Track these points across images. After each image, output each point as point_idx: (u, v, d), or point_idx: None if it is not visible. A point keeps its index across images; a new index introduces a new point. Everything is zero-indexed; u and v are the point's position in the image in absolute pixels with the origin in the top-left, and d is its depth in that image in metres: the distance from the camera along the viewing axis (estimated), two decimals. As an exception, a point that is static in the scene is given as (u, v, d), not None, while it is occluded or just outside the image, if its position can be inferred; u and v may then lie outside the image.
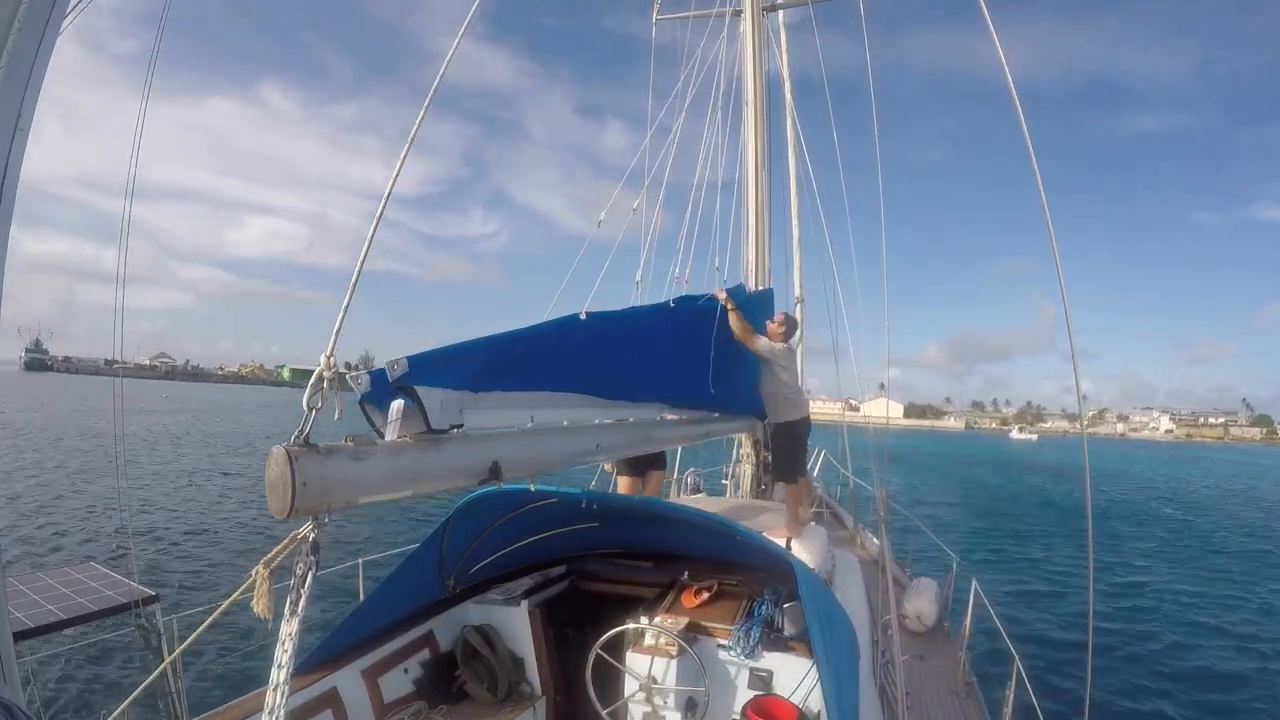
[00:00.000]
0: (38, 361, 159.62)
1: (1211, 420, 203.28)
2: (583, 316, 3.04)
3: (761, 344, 5.14)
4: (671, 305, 4.06)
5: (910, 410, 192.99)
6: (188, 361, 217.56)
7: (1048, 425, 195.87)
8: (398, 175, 2.17)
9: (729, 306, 4.68)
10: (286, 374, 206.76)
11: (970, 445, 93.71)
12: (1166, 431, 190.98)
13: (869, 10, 6.19)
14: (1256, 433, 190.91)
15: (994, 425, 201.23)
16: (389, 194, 2.13)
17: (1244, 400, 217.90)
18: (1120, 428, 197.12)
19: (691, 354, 4.34)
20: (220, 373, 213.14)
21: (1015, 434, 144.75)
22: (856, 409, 9.47)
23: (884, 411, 9.48)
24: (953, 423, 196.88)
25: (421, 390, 2.05)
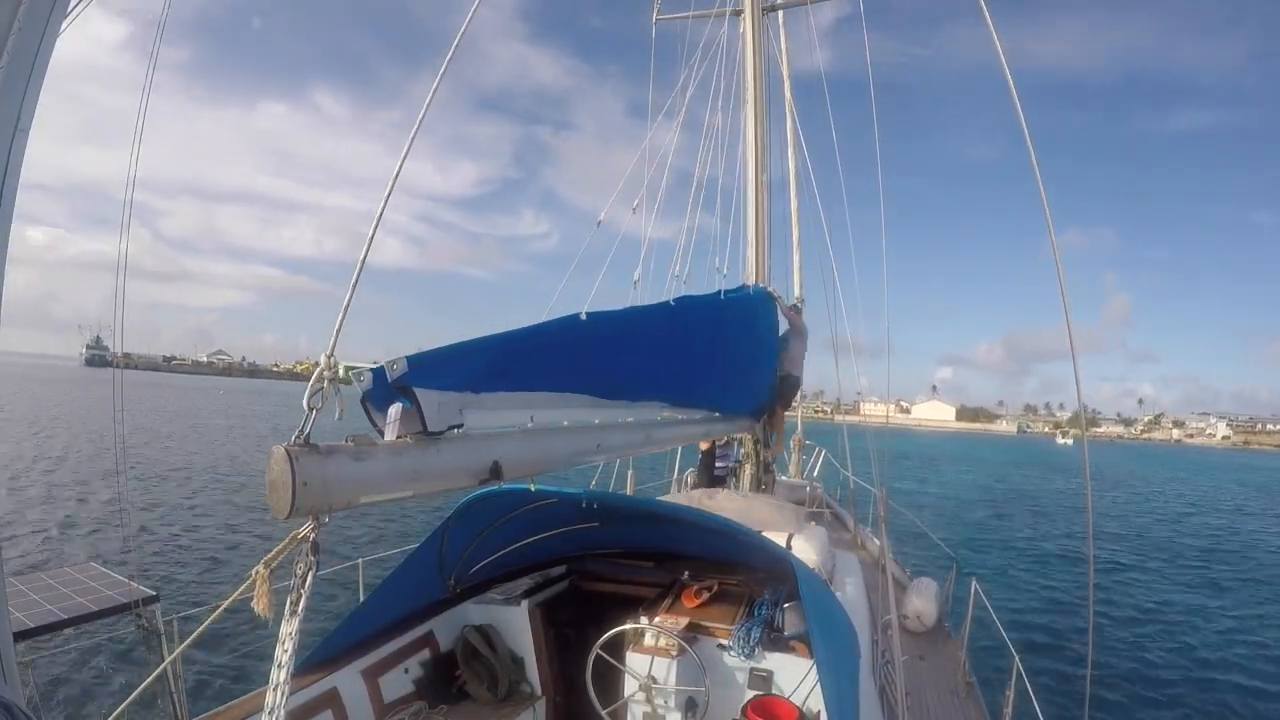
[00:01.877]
0: (98, 358, 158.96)
1: (1270, 427, 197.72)
2: (583, 317, 3.04)
3: None
4: (672, 304, 4.06)
5: (962, 413, 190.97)
6: (244, 358, 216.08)
7: (1101, 430, 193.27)
8: (399, 172, 2.16)
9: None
10: (340, 370, 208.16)
11: (1018, 450, 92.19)
12: (1224, 438, 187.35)
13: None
14: None
15: (1046, 429, 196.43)
16: (389, 192, 2.13)
17: None
18: (1176, 433, 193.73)
19: (692, 353, 4.34)
20: (275, 369, 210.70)
21: (1059, 440, 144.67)
22: (908, 410, 9.47)
23: (936, 415, 9.49)
24: (1005, 426, 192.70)
25: (420, 392, 2.05)
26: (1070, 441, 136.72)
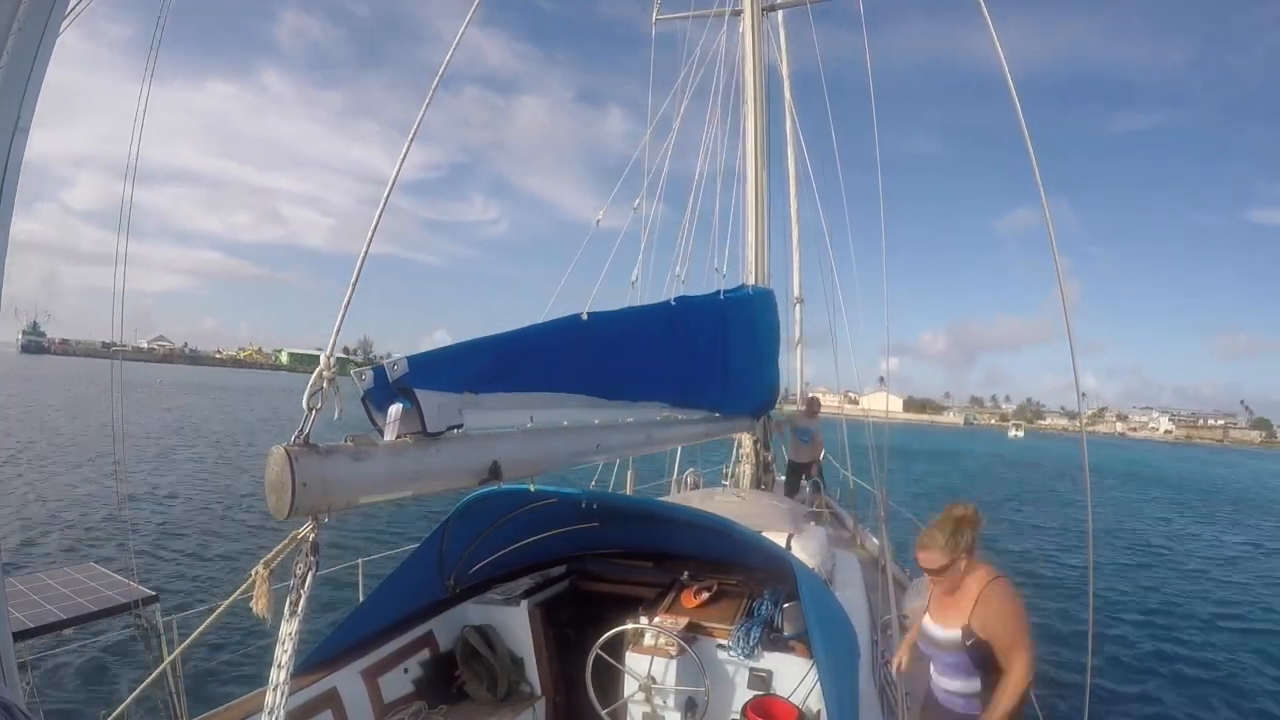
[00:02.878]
0: (35, 344, 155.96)
1: (1211, 422, 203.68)
2: (584, 318, 3.04)
3: None
4: (673, 304, 4.06)
5: (909, 404, 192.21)
6: (185, 344, 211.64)
7: (1046, 422, 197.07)
8: (397, 173, 2.17)
9: None
10: (285, 358, 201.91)
11: (970, 442, 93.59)
12: (1166, 432, 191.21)
13: (867, 6, 6.21)
14: (1256, 435, 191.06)
15: (993, 421, 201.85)
16: (389, 192, 2.13)
17: (1242, 402, 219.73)
18: (1120, 426, 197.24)
19: (692, 354, 4.34)
20: (218, 356, 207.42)
21: (1010, 433, 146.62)
22: (856, 402, 9.49)
23: (884, 405, 9.52)
24: (952, 418, 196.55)
25: (420, 393, 2.05)
26: (1021, 434, 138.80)
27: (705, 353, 4.46)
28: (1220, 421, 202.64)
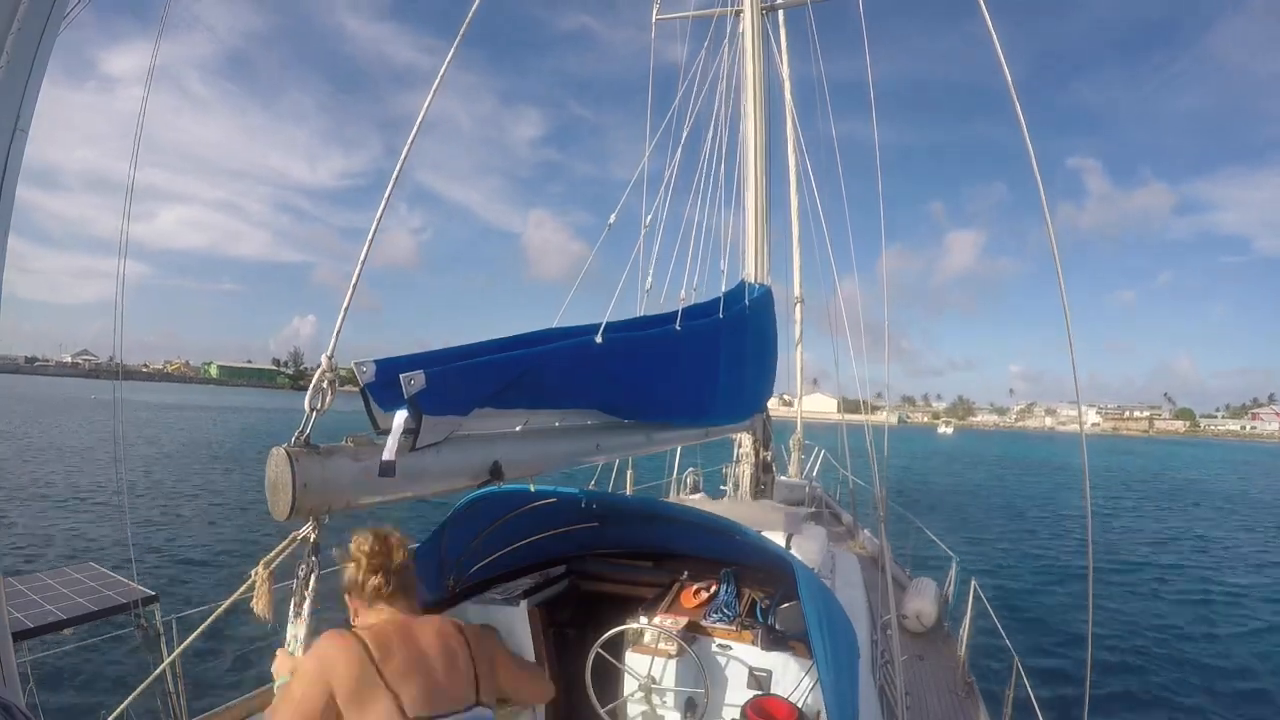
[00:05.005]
0: None
1: (1137, 414, 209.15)
2: (598, 339, 3.03)
3: None
4: (678, 324, 4.06)
5: (844, 405, 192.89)
6: (111, 358, 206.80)
7: (977, 419, 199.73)
8: (393, 184, 2.17)
9: None
10: (214, 371, 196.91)
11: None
12: (1093, 425, 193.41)
13: (867, 9, 6.19)
14: (1180, 425, 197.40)
15: (925, 419, 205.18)
16: (386, 199, 2.13)
17: (1165, 394, 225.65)
18: (1049, 421, 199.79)
19: (701, 369, 4.36)
20: (145, 370, 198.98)
21: (940, 429, 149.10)
22: (789, 404, 9.51)
23: (821, 407, 9.54)
24: (883, 416, 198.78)
25: (428, 419, 1.99)
26: (950, 431, 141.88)
27: (712, 366, 4.47)
28: (1146, 413, 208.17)
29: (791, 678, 3.05)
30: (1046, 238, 3.62)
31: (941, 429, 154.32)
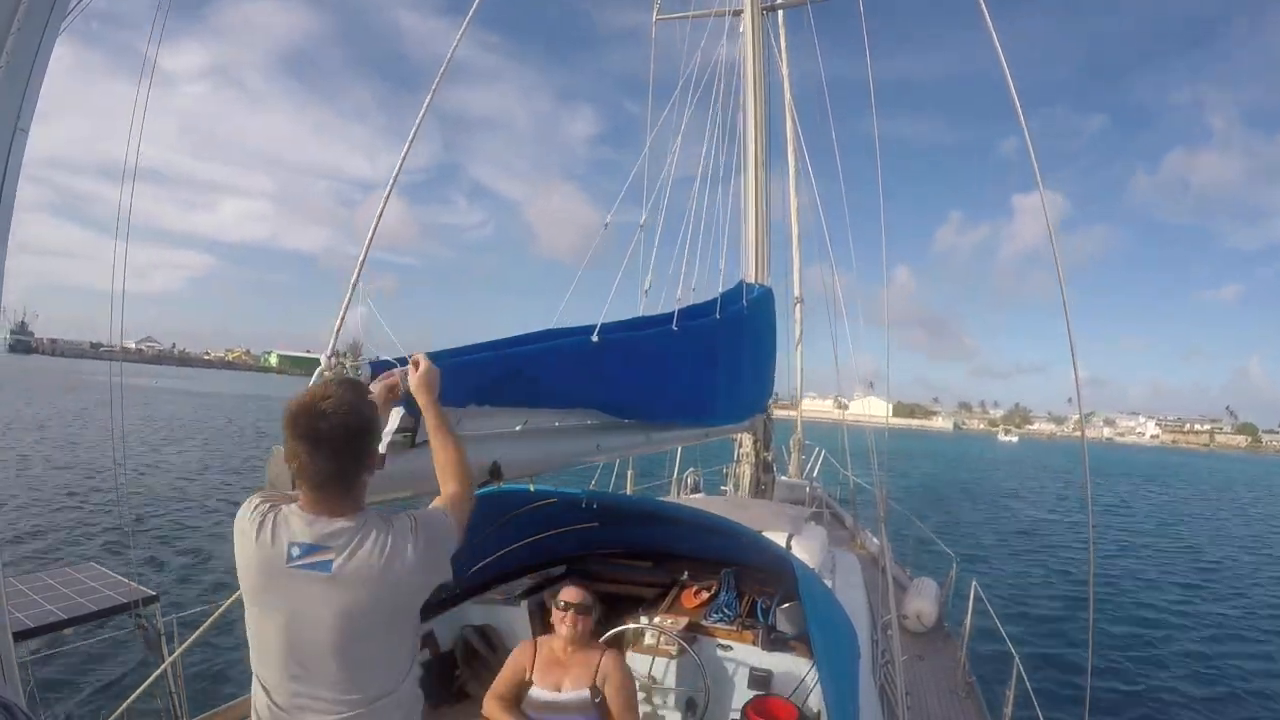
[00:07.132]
0: (22, 344, 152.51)
1: (1198, 427, 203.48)
2: (594, 338, 3.03)
3: None
4: (674, 324, 4.05)
5: (899, 409, 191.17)
6: (174, 345, 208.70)
7: (1034, 427, 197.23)
8: (396, 177, 2.17)
9: None
10: (274, 359, 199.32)
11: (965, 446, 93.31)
12: (1152, 437, 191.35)
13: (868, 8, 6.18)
14: (1242, 440, 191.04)
15: (982, 426, 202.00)
16: (387, 198, 2.13)
17: (1228, 408, 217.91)
18: (1107, 431, 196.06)
19: (699, 369, 4.35)
20: (207, 358, 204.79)
21: (1001, 436, 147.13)
22: (845, 407, 9.48)
23: (875, 411, 9.52)
24: (941, 423, 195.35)
25: None
26: (1014, 439, 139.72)
27: (710, 366, 4.47)
28: (1206, 427, 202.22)
29: (792, 678, 3.05)
30: (1047, 237, 3.61)
31: (1003, 436, 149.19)
